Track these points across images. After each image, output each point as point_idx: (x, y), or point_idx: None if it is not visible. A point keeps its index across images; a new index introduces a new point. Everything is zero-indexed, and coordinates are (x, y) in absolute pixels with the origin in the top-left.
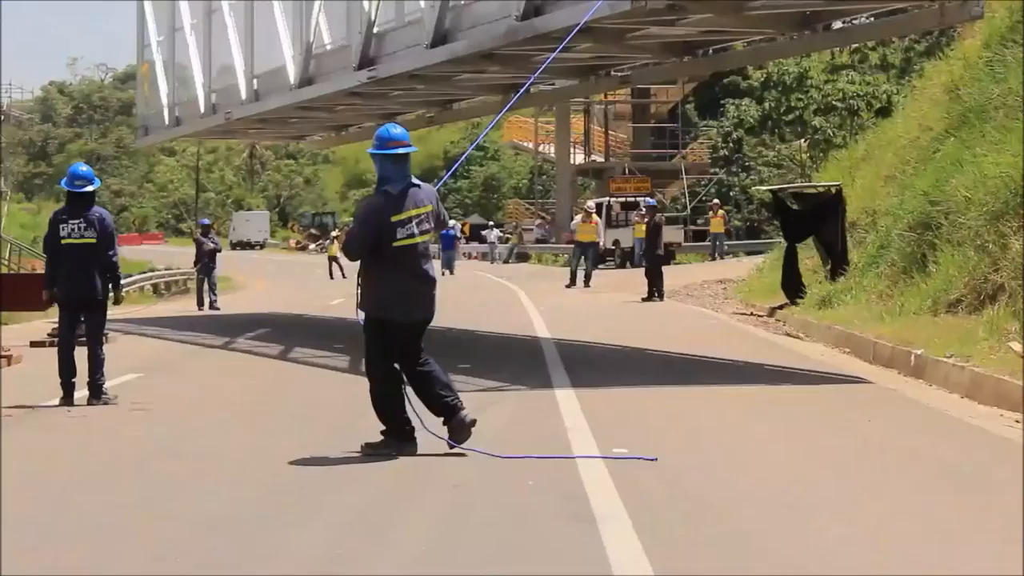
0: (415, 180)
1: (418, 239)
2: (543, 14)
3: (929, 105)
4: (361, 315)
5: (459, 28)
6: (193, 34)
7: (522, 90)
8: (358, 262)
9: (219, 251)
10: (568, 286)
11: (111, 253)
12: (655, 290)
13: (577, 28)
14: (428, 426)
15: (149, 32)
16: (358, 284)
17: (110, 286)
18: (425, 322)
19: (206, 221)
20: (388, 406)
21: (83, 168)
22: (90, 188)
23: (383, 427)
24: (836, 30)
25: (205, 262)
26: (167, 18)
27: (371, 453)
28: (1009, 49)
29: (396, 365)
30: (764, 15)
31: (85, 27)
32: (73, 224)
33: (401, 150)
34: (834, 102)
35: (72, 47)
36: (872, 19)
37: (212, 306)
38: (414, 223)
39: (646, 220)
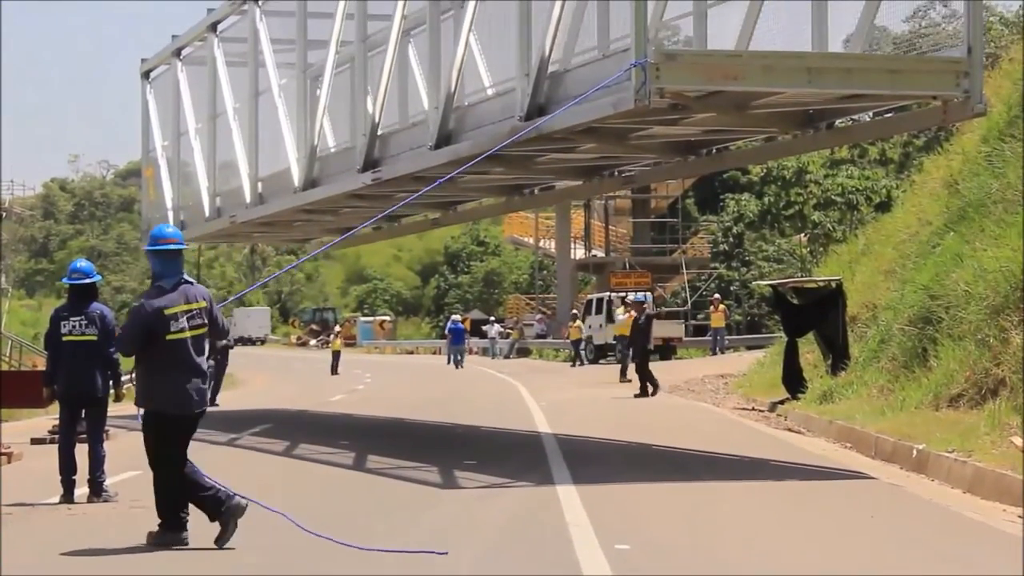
0: (187, 278)
1: (188, 333)
2: (546, 114)
3: (928, 199)
4: (140, 411)
5: (463, 129)
6: (198, 138)
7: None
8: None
9: (231, 347)
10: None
11: (112, 350)
12: (648, 384)
13: (544, 121)
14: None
15: (154, 137)
16: (132, 378)
17: (111, 383)
18: (199, 415)
19: None
20: (169, 496)
21: (83, 263)
22: (88, 280)
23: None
24: (839, 129)
25: (217, 358)
26: (172, 123)
27: (157, 543)
28: (1007, 144)
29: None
30: (766, 114)
31: (86, 124)
32: (74, 321)
33: (172, 247)
34: (833, 197)
35: (73, 144)
36: (876, 116)
37: (212, 402)
38: (185, 318)
39: (634, 315)
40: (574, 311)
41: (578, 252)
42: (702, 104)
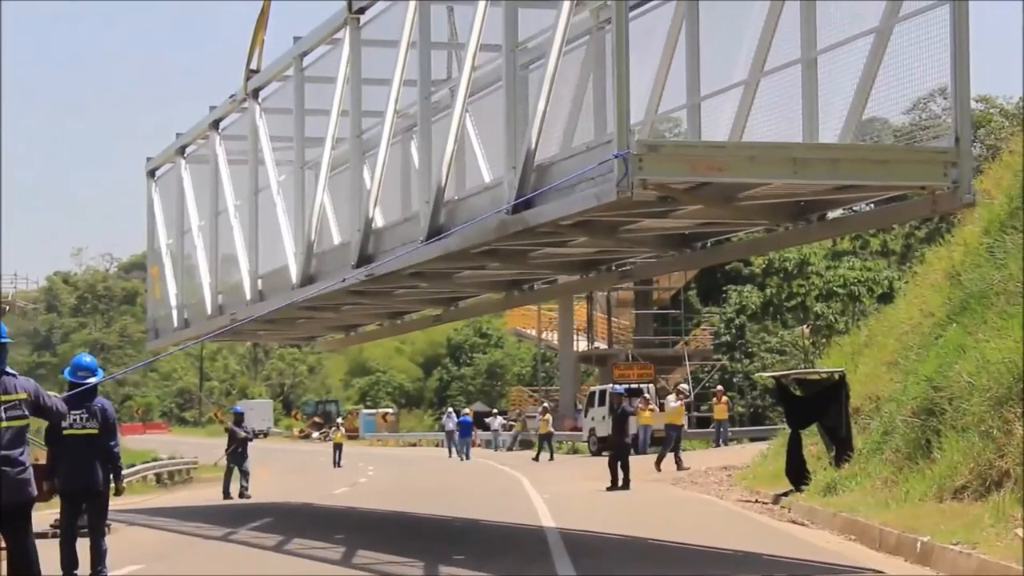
0: (9, 370)
1: (3, 424)
2: (533, 207)
3: (930, 291)
4: None
5: (453, 223)
6: (201, 236)
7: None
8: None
9: (251, 440)
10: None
11: (112, 444)
12: (622, 477)
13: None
14: None
15: (159, 235)
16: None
17: (111, 476)
18: (16, 505)
19: (239, 409)
20: None
21: (87, 359)
22: (93, 380)
23: None
24: (831, 220)
25: (238, 451)
26: (176, 220)
27: None
28: (1009, 235)
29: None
30: (757, 206)
31: (90, 217)
32: (75, 415)
33: None
34: (835, 288)
35: (77, 237)
36: (868, 207)
37: (242, 494)
38: (2, 408)
39: (614, 406)
40: (544, 405)
41: (581, 344)
42: (690, 196)
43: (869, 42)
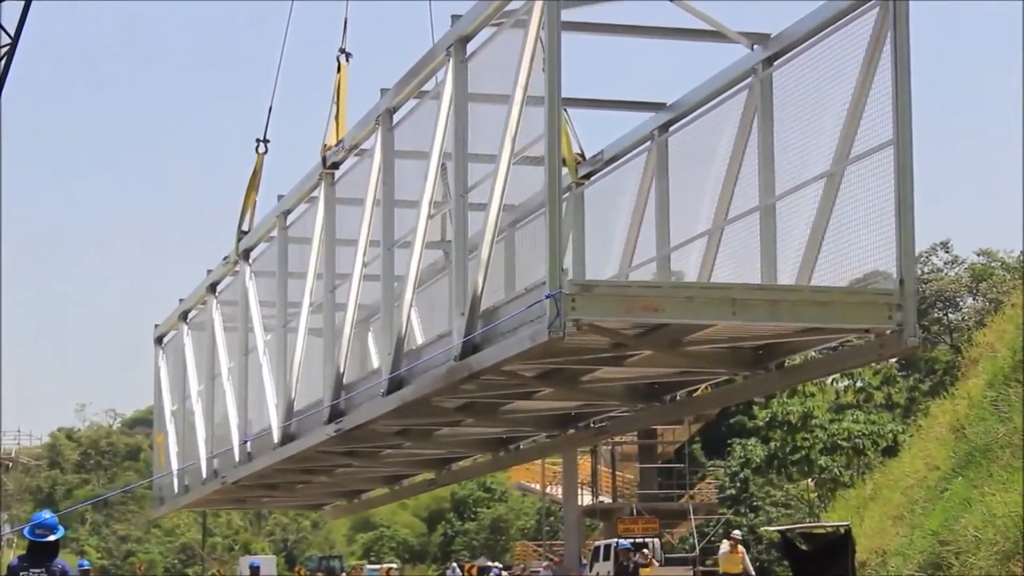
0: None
1: None
2: (479, 351)
3: (935, 444)
4: None
5: (412, 373)
6: (199, 401)
7: None
8: None
9: None
10: None
11: None
12: None
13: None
14: None
15: (164, 403)
16: None
17: None
18: None
19: (256, 563)
20: None
21: (47, 515)
22: (52, 538)
23: None
24: (790, 368)
25: None
26: (180, 386)
27: None
28: (1012, 388)
29: None
30: (708, 352)
31: (93, 374)
32: (35, 574)
33: None
34: (840, 441)
35: (80, 394)
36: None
37: None
38: None
39: (621, 562)
40: (498, 565)
41: (585, 498)
42: (638, 341)
43: (822, 186)
